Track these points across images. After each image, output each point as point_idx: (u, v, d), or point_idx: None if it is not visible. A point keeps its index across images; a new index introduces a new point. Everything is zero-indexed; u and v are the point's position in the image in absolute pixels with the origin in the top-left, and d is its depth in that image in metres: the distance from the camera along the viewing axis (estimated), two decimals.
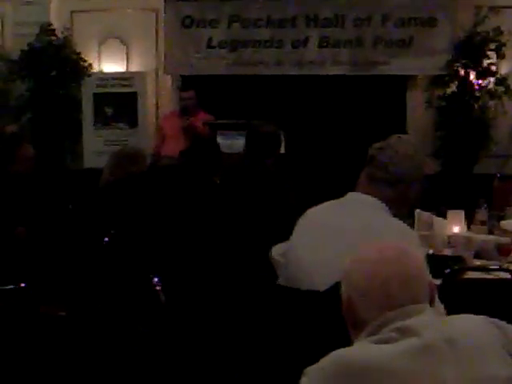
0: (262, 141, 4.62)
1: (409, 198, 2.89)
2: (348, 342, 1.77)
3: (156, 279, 3.68)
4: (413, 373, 1.59)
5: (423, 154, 3.06)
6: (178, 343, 3.65)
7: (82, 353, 3.47)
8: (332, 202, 2.92)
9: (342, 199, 2.90)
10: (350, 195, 2.89)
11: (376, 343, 1.66)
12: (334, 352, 1.68)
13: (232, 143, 6.80)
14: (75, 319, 3.52)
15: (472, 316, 1.75)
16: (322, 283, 2.55)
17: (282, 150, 4.80)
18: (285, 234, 2.96)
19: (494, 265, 3.62)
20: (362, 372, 1.60)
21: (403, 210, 2.94)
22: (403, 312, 1.70)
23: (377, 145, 2.89)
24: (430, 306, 1.77)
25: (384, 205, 2.80)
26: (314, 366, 1.68)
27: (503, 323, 1.74)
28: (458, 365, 1.61)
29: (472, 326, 1.71)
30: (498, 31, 8.03)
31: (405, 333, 1.66)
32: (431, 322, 1.69)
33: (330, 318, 2.19)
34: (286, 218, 3.10)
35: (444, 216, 4.26)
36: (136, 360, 3.53)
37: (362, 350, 1.67)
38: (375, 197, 2.81)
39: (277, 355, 2.62)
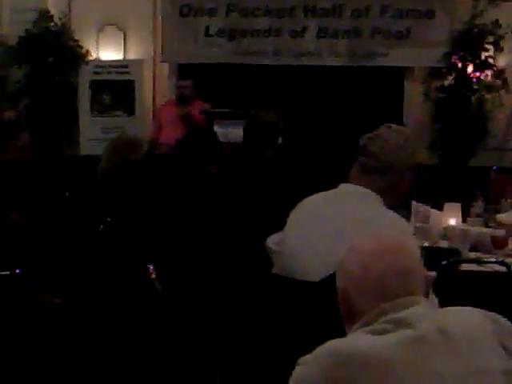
0: (261, 130, 4.56)
1: (401, 188, 2.87)
2: (342, 333, 1.78)
3: (151, 267, 3.69)
4: (406, 363, 1.60)
5: (420, 145, 3.06)
6: (173, 330, 3.66)
7: (77, 339, 3.48)
8: (325, 192, 2.91)
9: (334, 190, 2.89)
10: (343, 186, 2.88)
11: (370, 334, 1.67)
12: (328, 342, 1.68)
13: (229, 132, 6.80)
14: (71, 306, 3.52)
15: (467, 308, 1.76)
16: (314, 273, 2.56)
17: (279, 141, 4.76)
18: (281, 225, 2.96)
19: (489, 257, 3.63)
20: (356, 362, 1.61)
21: (397, 201, 2.92)
22: (398, 304, 1.70)
23: (367, 135, 2.88)
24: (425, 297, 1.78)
25: (376, 195, 2.79)
26: (308, 355, 1.68)
27: (498, 316, 1.74)
28: (452, 357, 1.62)
29: (467, 318, 1.71)
30: (496, 24, 8.01)
31: (399, 324, 1.66)
32: (426, 313, 1.70)
33: (324, 308, 2.19)
34: (283, 208, 3.09)
35: (440, 208, 4.27)
36: (131, 346, 3.54)
37: (357, 340, 1.67)
38: (367, 187, 2.79)
39: (271, 344, 2.63)
